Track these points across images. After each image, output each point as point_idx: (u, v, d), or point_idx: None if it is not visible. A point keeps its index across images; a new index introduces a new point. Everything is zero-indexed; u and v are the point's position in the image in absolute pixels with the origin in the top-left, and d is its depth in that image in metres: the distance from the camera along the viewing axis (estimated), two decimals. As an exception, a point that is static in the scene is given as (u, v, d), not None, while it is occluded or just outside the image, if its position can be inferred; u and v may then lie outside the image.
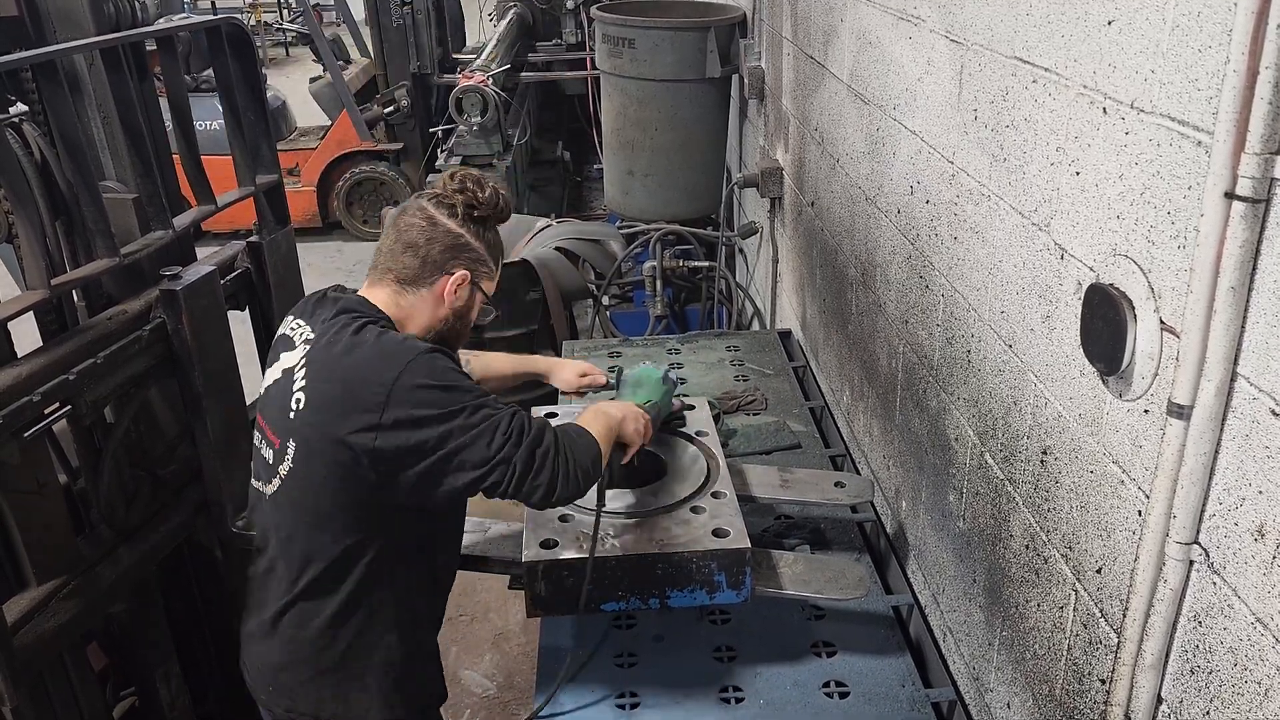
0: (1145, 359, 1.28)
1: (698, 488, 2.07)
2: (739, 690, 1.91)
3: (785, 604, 2.04)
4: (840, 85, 2.73)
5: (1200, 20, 1.14)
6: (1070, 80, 1.45)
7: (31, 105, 2.19)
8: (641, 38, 4.19)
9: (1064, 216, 1.49)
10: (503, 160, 5.64)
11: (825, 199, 3.01)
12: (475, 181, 1.74)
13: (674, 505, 2.00)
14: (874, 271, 2.51)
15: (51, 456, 2.07)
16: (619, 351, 3.23)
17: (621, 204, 4.63)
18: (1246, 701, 1.13)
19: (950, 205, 1.95)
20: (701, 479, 2.10)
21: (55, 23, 2.28)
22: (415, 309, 1.73)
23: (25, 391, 1.88)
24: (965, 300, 1.90)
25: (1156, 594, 1.26)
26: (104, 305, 2.25)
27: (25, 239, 1.91)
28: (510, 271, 4.06)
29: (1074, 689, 1.53)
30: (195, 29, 2.57)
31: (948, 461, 2.04)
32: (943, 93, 1.96)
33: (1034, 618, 1.67)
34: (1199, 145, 1.15)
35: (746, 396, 2.88)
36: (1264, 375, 1.08)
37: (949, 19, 1.91)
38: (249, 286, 2.64)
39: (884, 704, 1.87)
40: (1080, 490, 1.49)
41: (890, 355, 2.41)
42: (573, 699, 1.90)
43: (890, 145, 2.32)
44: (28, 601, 1.97)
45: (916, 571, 2.28)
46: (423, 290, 1.72)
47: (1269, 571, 1.09)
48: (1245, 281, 1.09)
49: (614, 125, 4.51)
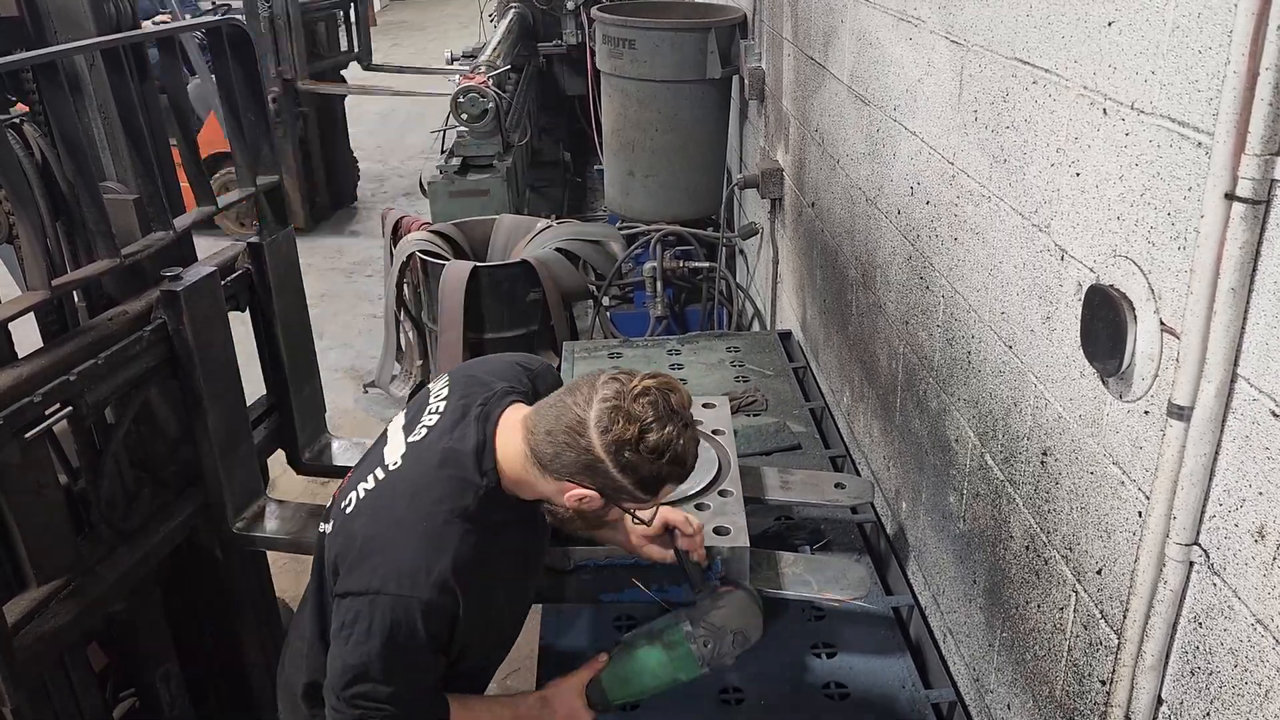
0: (1145, 360, 1.28)
1: (705, 485, 2.08)
2: (739, 690, 1.91)
3: (785, 604, 2.04)
4: (840, 86, 2.73)
5: (1200, 21, 1.14)
6: (1070, 81, 1.45)
7: (32, 106, 2.19)
8: (642, 38, 4.19)
9: (1064, 218, 1.49)
10: (503, 161, 5.63)
11: (825, 200, 3.01)
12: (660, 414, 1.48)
13: (677, 501, 2.00)
14: (874, 272, 2.51)
15: (52, 457, 2.08)
16: (619, 352, 3.24)
17: (622, 205, 4.63)
18: (1247, 703, 1.13)
19: (950, 206, 1.95)
20: (710, 476, 2.11)
21: (55, 23, 2.28)
22: (538, 485, 1.58)
23: (26, 392, 1.88)
24: (965, 301, 1.90)
25: (1157, 595, 1.26)
26: (105, 306, 2.26)
27: (26, 239, 1.91)
28: (510, 272, 4.06)
29: (1074, 690, 1.53)
30: (195, 29, 2.57)
31: (948, 462, 2.04)
32: (943, 94, 1.96)
33: (1034, 619, 1.67)
34: (1199, 146, 1.15)
35: (747, 397, 2.88)
36: (1264, 376, 1.08)
37: (949, 20, 1.91)
38: (249, 287, 2.65)
39: (884, 705, 1.87)
40: (1080, 491, 1.49)
41: (890, 356, 2.41)
42: (573, 700, 1.90)
43: (890, 146, 2.32)
44: (28, 602, 1.97)
45: (917, 572, 2.28)
46: (549, 476, 1.55)
47: (1269, 573, 1.09)
48: (1245, 283, 1.09)
49: (614, 126, 4.51)
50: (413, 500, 1.56)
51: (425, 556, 1.50)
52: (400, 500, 1.57)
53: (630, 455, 1.47)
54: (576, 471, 1.51)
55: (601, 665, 1.73)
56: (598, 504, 1.55)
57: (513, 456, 1.57)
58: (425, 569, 1.49)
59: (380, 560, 1.51)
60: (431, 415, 1.66)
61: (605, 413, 1.48)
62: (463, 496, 1.55)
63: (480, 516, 1.55)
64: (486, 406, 1.63)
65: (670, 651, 1.69)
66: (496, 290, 4.03)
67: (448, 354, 4.02)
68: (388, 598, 1.48)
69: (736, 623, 1.69)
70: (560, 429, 1.50)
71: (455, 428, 1.61)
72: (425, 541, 1.51)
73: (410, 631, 1.49)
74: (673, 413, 1.50)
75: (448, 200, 5.38)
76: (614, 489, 1.52)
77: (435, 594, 1.49)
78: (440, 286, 3.97)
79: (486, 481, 1.56)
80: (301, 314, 2.88)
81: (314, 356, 3.02)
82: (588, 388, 1.52)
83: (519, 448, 1.56)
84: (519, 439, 1.56)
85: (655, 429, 1.47)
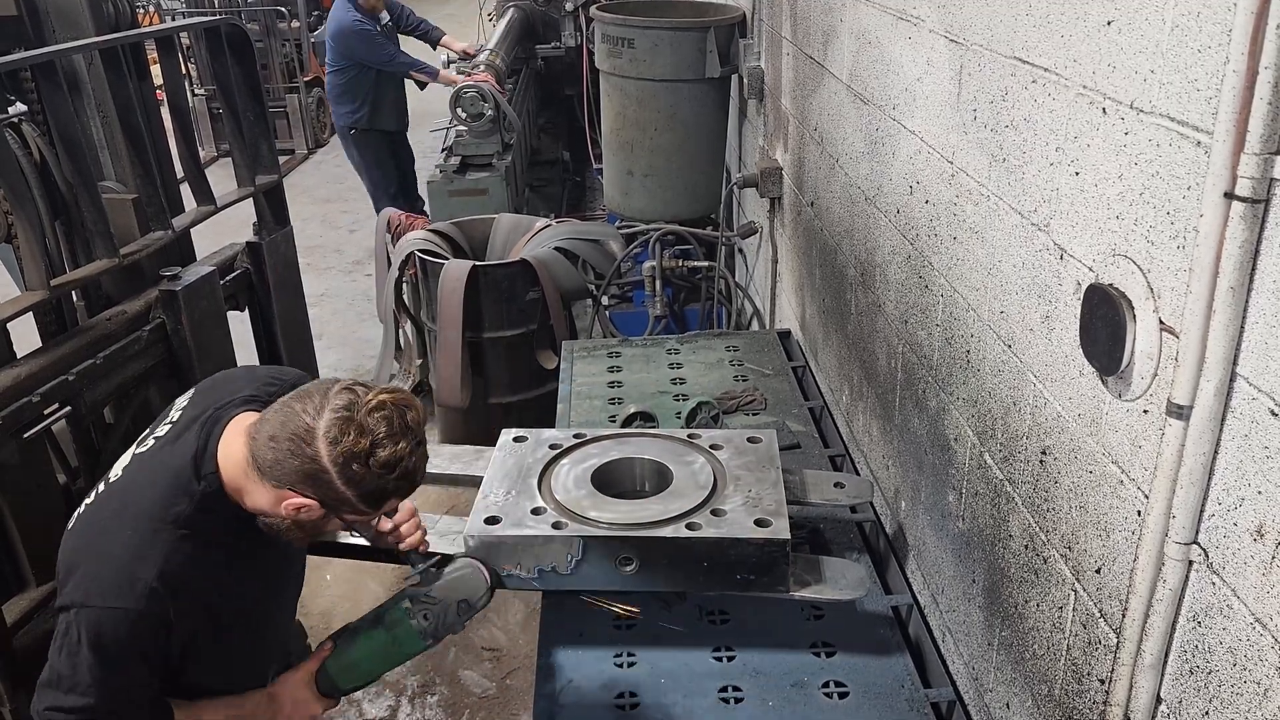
0: (1144, 359, 1.28)
1: (698, 504, 2.00)
2: (739, 690, 1.91)
3: (785, 604, 2.04)
4: (840, 85, 2.73)
5: (1200, 20, 1.14)
6: (1070, 80, 1.45)
7: (31, 105, 2.19)
8: (641, 38, 4.19)
9: (1063, 217, 1.49)
10: (502, 160, 5.63)
11: (825, 199, 3.01)
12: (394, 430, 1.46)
13: (666, 521, 1.95)
14: (873, 271, 2.51)
15: (51, 457, 2.08)
16: (618, 351, 3.23)
17: (621, 204, 4.63)
18: (1246, 702, 1.13)
19: (949, 205, 1.95)
20: (704, 495, 2.04)
21: (55, 23, 2.28)
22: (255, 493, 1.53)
23: (25, 392, 1.88)
24: (964, 300, 1.90)
25: (1155, 594, 1.26)
26: (104, 306, 2.26)
27: (25, 239, 1.91)
28: (510, 271, 4.06)
29: (1073, 689, 1.53)
30: (195, 29, 2.57)
31: (947, 462, 2.04)
32: (942, 93, 1.96)
33: (1033, 618, 1.67)
34: (1198, 145, 1.15)
35: (746, 396, 2.88)
36: (1263, 375, 1.08)
37: (948, 19, 1.91)
38: (249, 287, 2.65)
39: (883, 704, 1.87)
40: (1079, 490, 1.49)
41: (889, 355, 2.42)
42: (573, 698, 1.90)
43: (889, 145, 2.32)
44: (28, 602, 1.97)
45: (916, 572, 2.28)
46: (267, 482, 1.50)
47: (1268, 572, 1.09)
48: (1244, 281, 1.09)
49: (613, 125, 4.51)
50: (122, 510, 1.53)
51: (131, 567, 1.47)
52: (109, 511, 1.54)
53: (358, 468, 1.44)
54: (297, 480, 1.47)
55: (326, 653, 1.74)
56: (317, 514, 1.51)
57: (233, 463, 1.53)
58: (130, 579, 1.46)
59: (86, 573, 1.49)
60: (164, 425, 1.63)
61: (336, 423, 1.44)
62: (175, 503, 1.51)
63: (195, 522, 1.52)
64: (217, 412, 1.59)
65: (392, 631, 1.74)
66: (495, 289, 4.03)
67: (446, 353, 4.02)
68: (93, 610, 1.46)
69: (460, 592, 1.76)
70: (285, 435, 1.46)
71: (180, 436, 1.58)
72: (131, 551, 1.48)
73: (117, 641, 1.46)
74: (407, 429, 1.47)
75: (446, 199, 5.38)
76: (336, 500, 1.48)
77: (144, 604, 1.46)
78: (439, 285, 3.97)
79: (204, 486, 1.53)
80: (300, 313, 2.89)
81: (313, 356, 3.03)
82: (319, 396, 1.47)
83: (241, 453, 1.52)
84: (241, 444, 1.52)
85: (388, 444, 1.44)
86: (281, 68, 9.31)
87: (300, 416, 1.46)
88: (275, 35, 9.19)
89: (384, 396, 1.48)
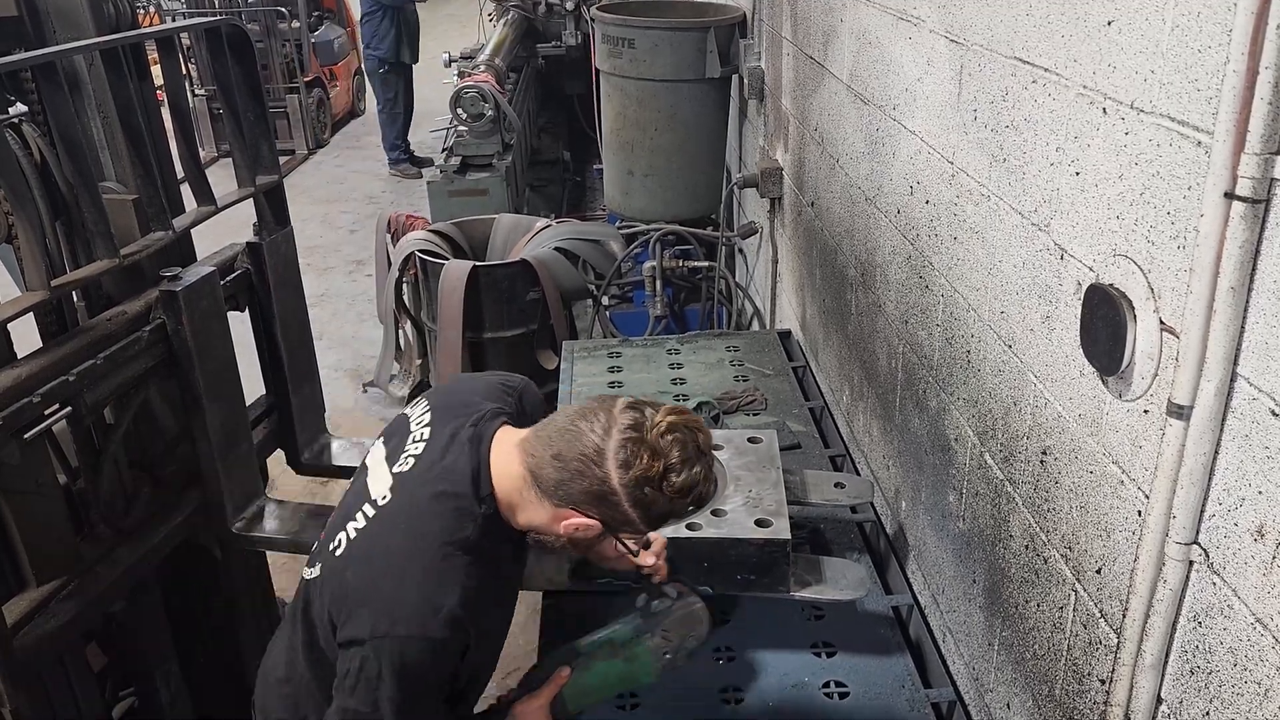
0: (1145, 359, 1.28)
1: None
2: (739, 690, 1.91)
3: (785, 604, 2.03)
4: (840, 85, 2.73)
5: (1200, 20, 1.14)
6: (1070, 80, 1.45)
7: (31, 106, 2.19)
8: (641, 38, 4.19)
9: (1064, 217, 1.49)
10: (502, 160, 5.63)
11: (825, 199, 3.01)
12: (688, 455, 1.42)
13: None
14: (874, 272, 2.51)
15: (51, 457, 2.08)
16: (618, 351, 3.24)
17: (621, 204, 4.63)
18: (1246, 702, 1.13)
19: (950, 205, 1.95)
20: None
21: (55, 23, 2.28)
22: (531, 511, 1.50)
23: (25, 392, 1.88)
24: (965, 300, 1.90)
25: (1156, 594, 1.26)
26: (104, 306, 2.26)
27: (25, 240, 1.91)
28: (510, 271, 4.06)
29: (1074, 689, 1.53)
30: (195, 30, 2.57)
31: (947, 462, 2.04)
32: (942, 93, 1.96)
33: (1034, 618, 1.67)
34: (1199, 145, 1.15)
35: (746, 396, 2.88)
36: (1264, 375, 1.08)
37: (948, 19, 1.91)
38: (249, 287, 2.65)
39: (884, 704, 1.87)
40: (1080, 490, 1.49)
41: (890, 355, 2.41)
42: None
43: (890, 145, 2.32)
44: (28, 602, 1.97)
45: (916, 572, 2.28)
46: (548, 501, 1.47)
47: (1269, 572, 1.09)
48: (1245, 282, 1.09)
49: (614, 125, 4.51)
50: (409, 535, 1.48)
51: (432, 594, 1.42)
52: (395, 537, 1.49)
53: (650, 491, 1.41)
54: (583, 500, 1.44)
55: (564, 680, 1.70)
56: (594, 533, 1.48)
57: (509, 481, 1.49)
58: (433, 607, 1.41)
59: (383, 603, 1.43)
60: (416, 443, 1.58)
61: (626, 444, 1.41)
62: (462, 527, 1.47)
63: (480, 546, 1.49)
64: (478, 429, 1.55)
65: (631, 663, 1.71)
66: (496, 289, 4.03)
67: (447, 353, 4.02)
68: (395, 640, 1.40)
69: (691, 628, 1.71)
70: (573, 455, 1.43)
71: (445, 454, 1.52)
72: (429, 578, 1.44)
73: (421, 672, 1.42)
74: (700, 453, 1.44)
75: (447, 199, 5.38)
76: (619, 521, 1.46)
77: (448, 632, 1.42)
78: (439, 285, 3.97)
79: (485, 509, 1.49)
80: (301, 314, 2.88)
81: (313, 356, 3.02)
82: (605, 414, 1.44)
83: (517, 470, 1.48)
84: (516, 462, 1.49)
85: (683, 469, 1.42)
86: (282, 68, 9.30)
87: (587, 435, 1.43)
88: (275, 35, 9.18)
89: (673, 418, 1.45)
